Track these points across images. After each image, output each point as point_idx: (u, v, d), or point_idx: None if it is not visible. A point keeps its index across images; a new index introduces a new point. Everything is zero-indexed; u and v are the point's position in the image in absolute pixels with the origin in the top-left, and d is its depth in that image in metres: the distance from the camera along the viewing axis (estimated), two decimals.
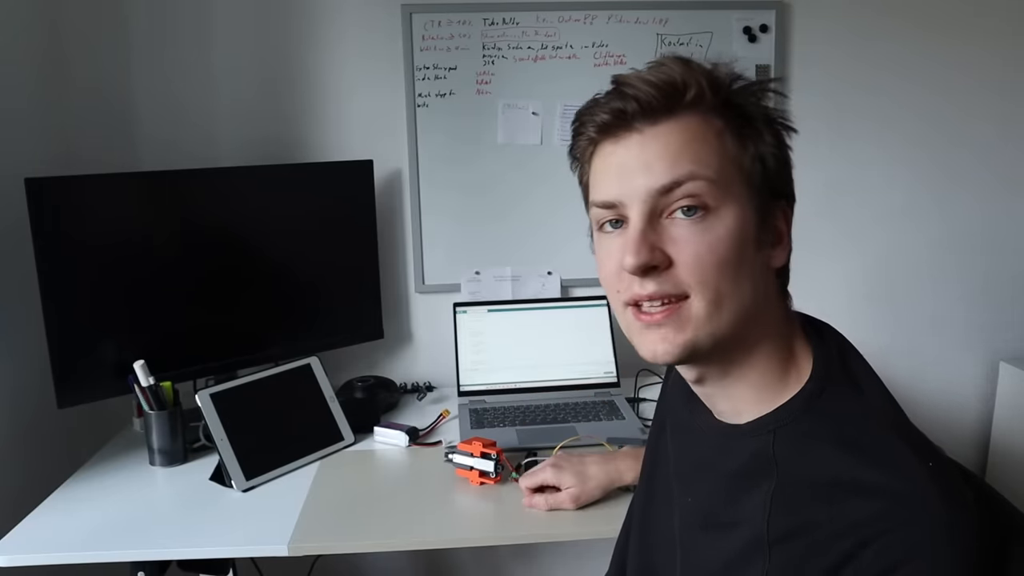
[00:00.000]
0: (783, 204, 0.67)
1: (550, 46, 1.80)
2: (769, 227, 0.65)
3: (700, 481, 0.72)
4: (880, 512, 0.56)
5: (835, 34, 1.84)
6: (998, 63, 1.88)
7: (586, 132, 0.67)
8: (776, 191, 0.66)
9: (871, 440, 0.60)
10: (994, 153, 1.93)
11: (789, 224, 0.67)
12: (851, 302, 1.93)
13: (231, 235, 1.59)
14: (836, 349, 0.67)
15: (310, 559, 1.70)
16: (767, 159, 0.64)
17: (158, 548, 1.18)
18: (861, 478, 0.58)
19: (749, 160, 0.64)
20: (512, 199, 1.85)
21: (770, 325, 0.67)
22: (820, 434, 0.62)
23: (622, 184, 0.63)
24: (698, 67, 0.64)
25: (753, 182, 0.64)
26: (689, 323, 0.62)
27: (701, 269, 0.61)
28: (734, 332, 0.63)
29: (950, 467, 0.61)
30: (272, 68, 1.76)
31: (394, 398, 1.74)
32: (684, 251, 0.61)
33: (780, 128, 0.66)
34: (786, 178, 0.67)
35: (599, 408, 1.63)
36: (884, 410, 0.63)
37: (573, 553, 1.98)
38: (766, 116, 0.65)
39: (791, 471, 0.62)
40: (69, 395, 1.41)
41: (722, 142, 0.63)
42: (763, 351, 0.66)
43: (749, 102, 0.65)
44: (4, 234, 1.48)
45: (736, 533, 0.65)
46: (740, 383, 0.67)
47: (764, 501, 0.63)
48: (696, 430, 0.74)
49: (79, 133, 1.72)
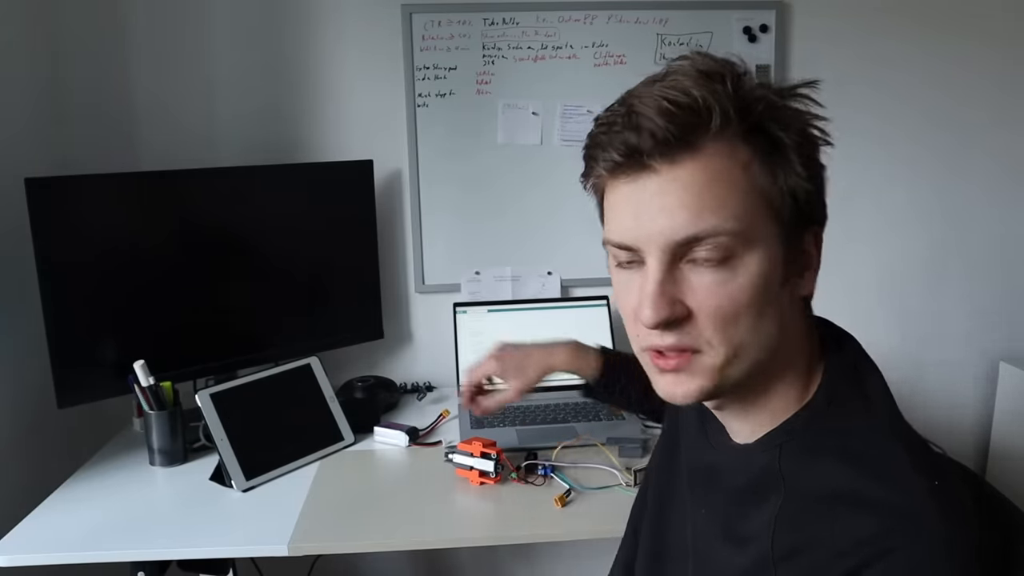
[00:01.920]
0: (815, 228, 0.62)
1: (550, 46, 1.80)
2: (797, 256, 0.61)
3: (713, 493, 0.72)
4: (881, 530, 0.56)
5: (835, 34, 1.84)
6: (998, 58, 1.88)
7: (597, 167, 0.61)
8: (807, 219, 0.61)
9: (873, 453, 0.59)
10: (995, 151, 1.93)
11: (819, 245, 0.63)
12: (851, 301, 1.93)
13: (231, 235, 1.59)
14: (851, 362, 0.66)
15: (310, 559, 1.70)
16: (798, 192, 0.59)
17: (158, 548, 1.18)
18: (862, 491, 0.58)
19: (779, 194, 0.59)
20: (512, 198, 1.85)
21: (793, 353, 0.64)
22: (824, 447, 0.61)
23: (639, 228, 0.58)
24: (721, 85, 0.57)
25: (782, 217, 0.59)
26: (707, 372, 0.60)
27: (723, 322, 0.58)
28: (753, 372, 0.62)
29: (954, 481, 0.60)
30: (272, 68, 1.76)
31: (394, 398, 1.74)
32: (705, 303, 0.58)
33: (816, 148, 0.60)
34: (819, 204, 0.61)
35: (599, 408, 1.63)
36: (891, 424, 0.62)
37: (573, 553, 1.98)
38: (799, 141, 0.59)
39: (797, 486, 0.61)
40: (69, 395, 1.41)
41: (749, 176, 0.57)
42: (785, 378, 0.65)
43: (781, 124, 0.58)
44: (4, 234, 1.48)
45: (746, 550, 0.64)
46: (759, 409, 0.66)
47: (771, 518, 0.62)
48: (709, 443, 0.73)
49: (79, 133, 1.71)
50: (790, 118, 0.59)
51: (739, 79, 0.58)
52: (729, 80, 0.57)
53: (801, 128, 0.60)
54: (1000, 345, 2.01)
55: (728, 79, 0.57)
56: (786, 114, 0.59)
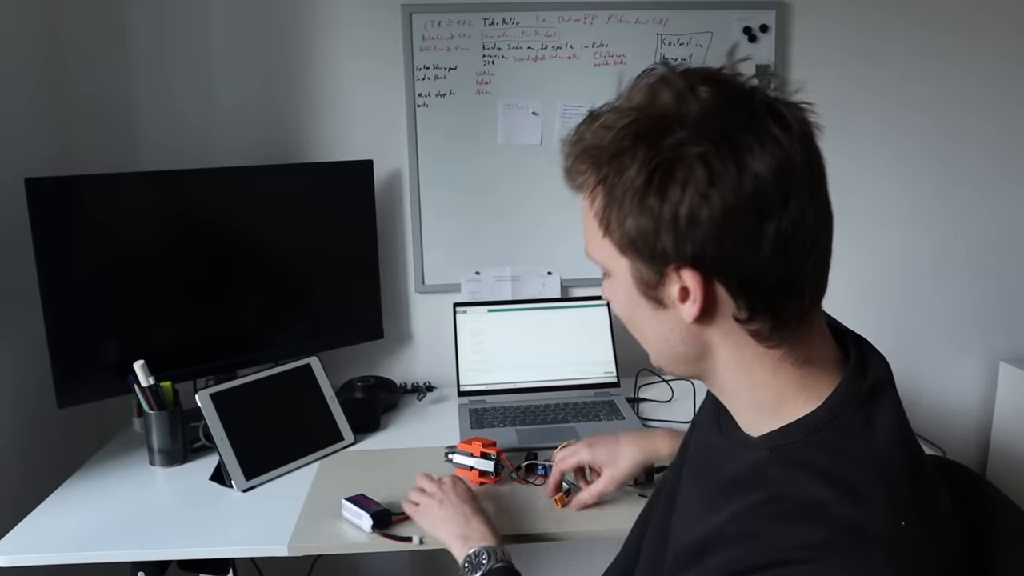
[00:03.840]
0: (675, 267, 0.61)
1: (550, 46, 1.80)
2: (663, 286, 0.63)
3: (707, 476, 0.73)
4: (821, 541, 0.56)
5: (835, 33, 1.84)
6: (997, 59, 1.88)
7: None
8: (657, 257, 0.62)
9: (855, 480, 0.59)
10: (995, 151, 1.93)
11: (702, 284, 0.61)
12: (851, 301, 1.93)
13: (231, 235, 1.59)
14: (870, 385, 0.64)
15: (310, 559, 1.70)
16: (637, 239, 0.62)
17: (158, 548, 1.18)
18: (822, 507, 0.58)
19: (620, 238, 0.63)
20: (512, 199, 1.85)
21: (730, 371, 0.66)
22: (812, 462, 0.61)
23: None
24: (589, 157, 0.63)
25: (628, 252, 0.64)
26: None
27: (624, 323, 0.71)
28: (686, 371, 0.69)
29: (929, 526, 0.59)
30: (272, 68, 1.76)
31: (394, 398, 1.74)
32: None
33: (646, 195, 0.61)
34: (659, 247, 0.61)
35: (599, 408, 1.63)
36: (884, 458, 0.61)
37: (573, 553, 1.98)
38: (631, 190, 0.61)
39: (777, 490, 0.62)
40: (69, 395, 1.41)
41: (599, 223, 0.65)
42: (739, 389, 0.68)
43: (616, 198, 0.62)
44: (4, 234, 1.48)
45: (707, 526, 0.66)
46: (732, 407, 0.71)
47: (743, 507, 0.63)
48: (718, 428, 0.75)
49: (79, 133, 1.71)
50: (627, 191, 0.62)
51: (599, 148, 0.63)
52: (598, 143, 0.63)
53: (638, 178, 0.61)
54: (1000, 345, 2.01)
55: (599, 143, 0.63)
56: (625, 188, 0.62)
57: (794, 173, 0.59)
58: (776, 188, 0.58)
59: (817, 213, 0.61)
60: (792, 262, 0.60)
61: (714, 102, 0.59)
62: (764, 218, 0.58)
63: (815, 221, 0.61)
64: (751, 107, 0.59)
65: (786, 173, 0.58)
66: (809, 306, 0.64)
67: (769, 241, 0.58)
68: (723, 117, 0.58)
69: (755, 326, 0.63)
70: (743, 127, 0.58)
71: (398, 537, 1.17)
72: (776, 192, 0.58)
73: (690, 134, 0.58)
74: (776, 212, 0.58)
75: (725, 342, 0.65)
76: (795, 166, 0.59)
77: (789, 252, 0.60)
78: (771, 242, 0.59)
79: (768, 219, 0.58)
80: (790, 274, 0.61)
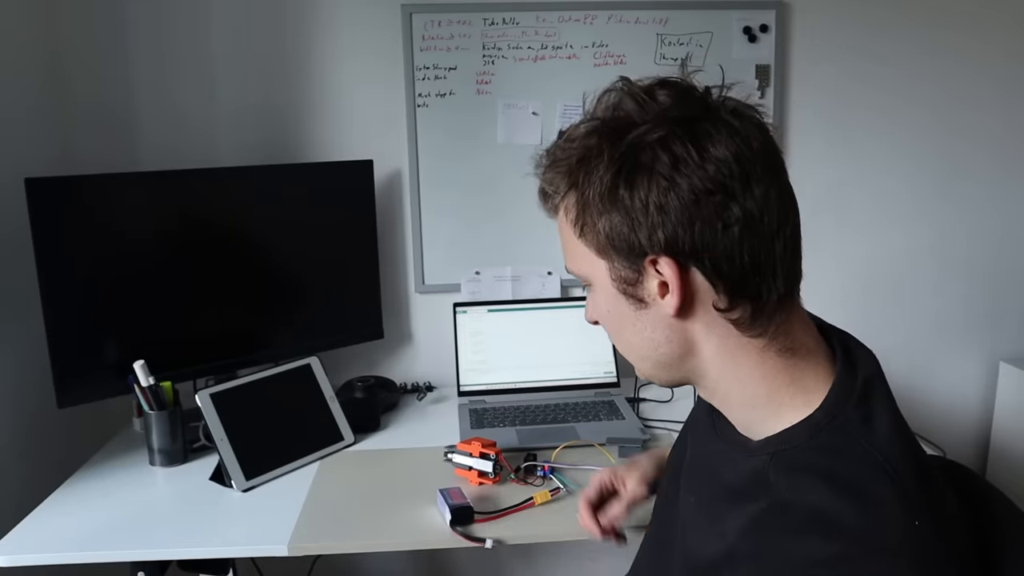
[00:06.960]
0: (651, 259, 0.63)
1: (550, 46, 1.80)
2: (642, 282, 0.65)
3: (705, 485, 0.73)
4: (842, 555, 0.56)
5: (836, 32, 1.84)
6: (998, 56, 1.88)
7: None
8: (632, 252, 0.64)
9: (860, 481, 0.59)
10: (996, 150, 1.92)
11: (678, 272, 0.62)
12: (852, 300, 1.93)
13: (231, 235, 1.59)
14: (860, 382, 0.65)
15: (310, 559, 1.70)
16: (612, 236, 0.64)
17: (158, 548, 1.18)
18: (838, 515, 0.57)
19: (596, 240, 0.66)
20: (512, 199, 1.85)
21: (717, 367, 0.67)
22: (814, 465, 0.61)
23: None
24: (559, 168, 0.66)
25: (605, 252, 0.66)
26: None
27: (608, 331, 0.72)
28: (668, 375, 0.70)
29: (940, 520, 0.59)
30: (272, 68, 1.76)
31: (394, 398, 1.74)
32: (594, 316, 0.73)
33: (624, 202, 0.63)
34: (633, 240, 0.63)
35: (599, 408, 1.63)
36: (887, 453, 0.61)
37: (573, 553, 1.98)
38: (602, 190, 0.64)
39: (780, 496, 0.62)
40: (69, 395, 1.41)
41: (573, 227, 0.67)
42: (730, 386, 0.67)
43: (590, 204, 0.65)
44: (4, 234, 1.48)
45: (718, 543, 0.65)
46: (726, 408, 0.71)
47: (748, 519, 0.63)
48: (716, 434, 0.74)
49: (79, 133, 1.72)
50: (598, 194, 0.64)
51: (571, 168, 0.65)
52: (571, 159, 0.65)
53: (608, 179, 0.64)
54: (1000, 345, 2.01)
55: (573, 158, 0.65)
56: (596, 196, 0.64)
57: (754, 157, 0.61)
58: (739, 171, 0.60)
59: (780, 196, 0.63)
60: (762, 243, 0.62)
61: (672, 101, 0.63)
62: (729, 199, 0.61)
63: (779, 202, 0.63)
64: (707, 103, 0.63)
65: (746, 157, 0.61)
66: (785, 292, 0.65)
67: (737, 221, 0.61)
68: (682, 111, 0.62)
69: (735, 314, 0.64)
70: (701, 119, 0.61)
71: (471, 537, 1.18)
72: (739, 175, 0.60)
73: (651, 126, 0.61)
74: (740, 193, 0.61)
75: (709, 337, 0.66)
76: (754, 151, 0.61)
77: (757, 232, 0.62)
78: (739, 222, 0.61)
79: (733, 200, 0.61)
80: (761, 255, 0.62)
